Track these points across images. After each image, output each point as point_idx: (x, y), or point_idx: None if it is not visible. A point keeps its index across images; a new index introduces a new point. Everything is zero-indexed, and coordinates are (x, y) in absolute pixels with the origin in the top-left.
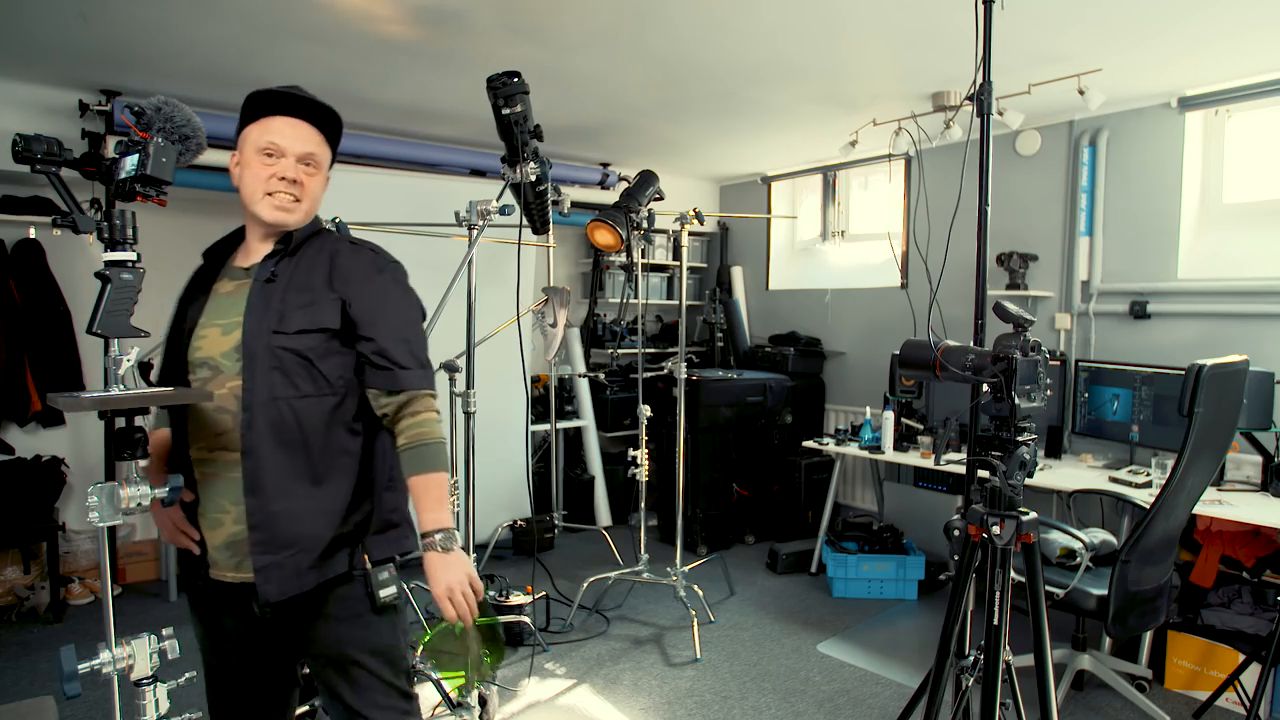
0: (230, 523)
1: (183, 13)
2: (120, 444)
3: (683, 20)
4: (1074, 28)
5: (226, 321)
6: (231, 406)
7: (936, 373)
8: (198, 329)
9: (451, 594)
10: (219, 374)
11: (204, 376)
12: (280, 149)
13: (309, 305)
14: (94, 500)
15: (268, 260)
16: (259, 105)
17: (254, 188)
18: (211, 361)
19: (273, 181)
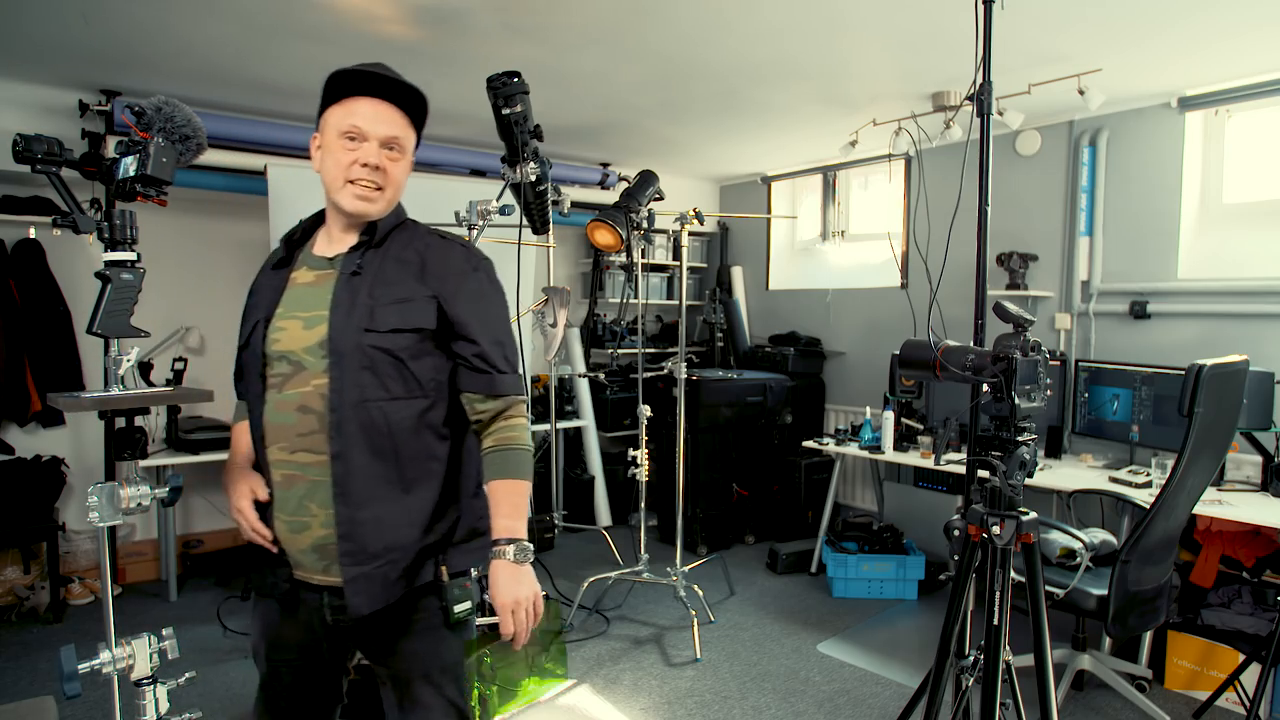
0: (318, 526)
1: (182, 13)
2: (120, 444)
3: (683, 20)
4: (1074, 28)
5: (309, 315)
6: (317, 406)
7: (936, 373)
8: (275, 320)
9: (516, 609)
10: (301, 370)
11: (283, 371)
12: (363, 133)
13: (402, 302)
14: (94, 500)
15: (353, 252)
16: (341, 85)
17: (335, 174)
18: (292, 356)
19: (354, 168)
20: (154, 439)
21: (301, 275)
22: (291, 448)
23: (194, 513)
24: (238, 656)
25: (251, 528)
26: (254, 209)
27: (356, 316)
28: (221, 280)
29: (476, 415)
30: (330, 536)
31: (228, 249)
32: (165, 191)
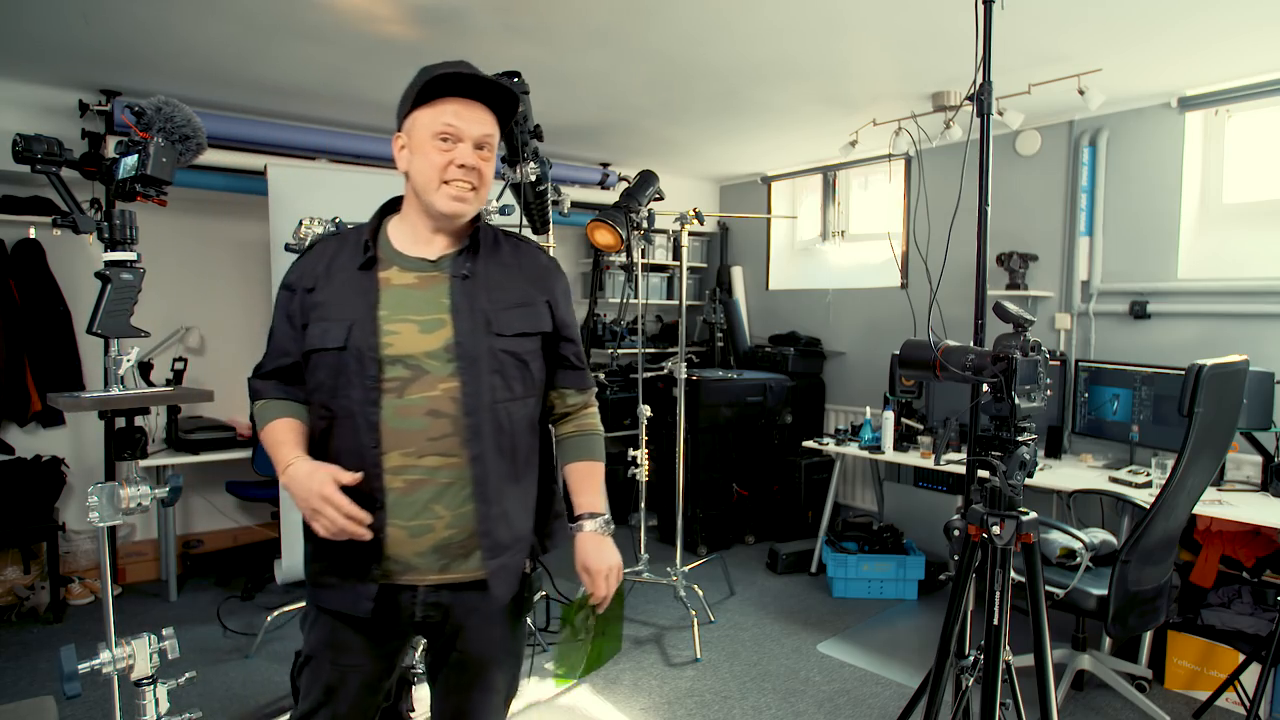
0: (442, 528)
1: (183, 13)
2: (120, 444)
3: (683, 20)
4: (1074, 28)
5: (425, 318)
6: (449, 410)
7: (936, 373)
8: (383, 323)
9: (609, 574)
10: (424, 374)
11: (401, 376)
12: (458, 133)
13: (522, 306)
14: (94, 500)
15: (460, 255)
16: (432, 87)
17: (430, 176)
18: (411, 360)
19: (450, 169)
20: (154, 439)
21: (396, 276)
22: (420, 452)
23: (194, 513)
24: (238, 656)
25: (347, 515)
26: (254, 209)
27: (479, 321)
28: (221, 280)
29: (568, 408)
30: (455, 536)
31: (228, 249)
32: (165, 191)
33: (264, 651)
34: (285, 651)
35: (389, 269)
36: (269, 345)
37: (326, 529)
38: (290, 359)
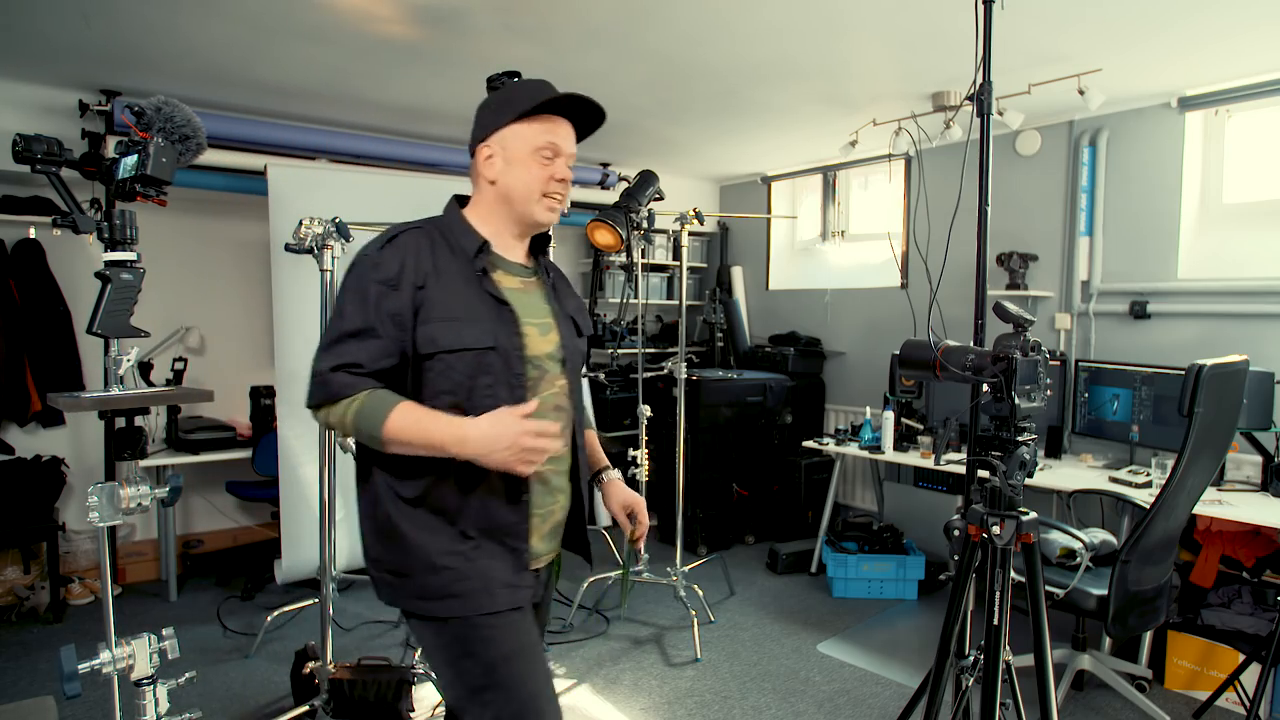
0: (559, 511)
1: (184, 13)
2: (120, 444)
3: (682, 20)
4: (1074, 28)
5: (539, 321)
6: (565, 405)
7: (936, 373)
8: (521, 325)
9: (643, 507)
10: (546, 374)
11: (533, 375)
12: (557, 150)
13: (581, 311)
14: (94, 500)
15: (539, 261)
16: (541, 104)
17: (532, 188)
18: (538, 360)
19: (551, 183)
20: (154, 439)
21: (506, 280)
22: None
23: (194, 513)
24: (238, 656)
25: (539, 431)
26: (254, 209)
27: (570, 324)
28: (221, 280)
29: None
30: (562, 519)
31: (228, 249)
32: (165, 191)
33: (264, 651)
34: (285, 651)
35: (495, 271)
36: (364, 343)
37: (535, 459)
38: (393, 360)
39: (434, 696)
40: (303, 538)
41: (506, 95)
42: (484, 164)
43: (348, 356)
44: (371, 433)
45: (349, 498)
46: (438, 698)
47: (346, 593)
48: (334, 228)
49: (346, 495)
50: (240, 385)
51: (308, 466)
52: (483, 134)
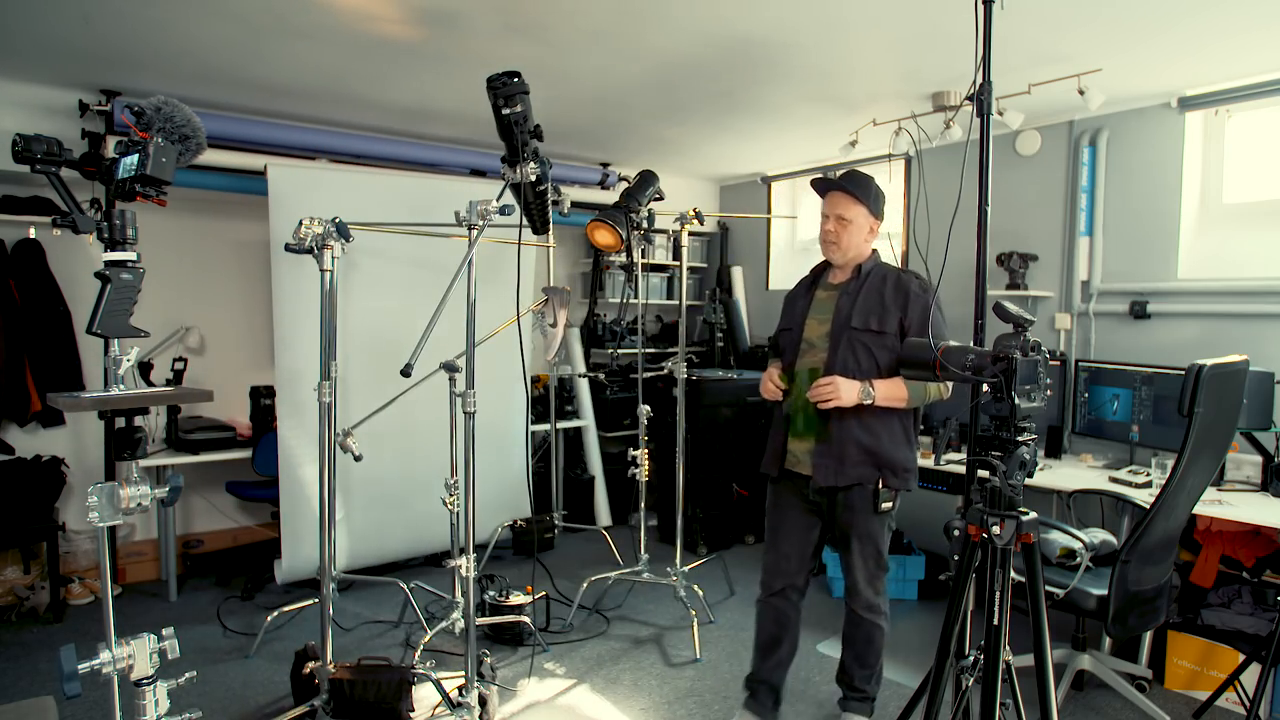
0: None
1: (183, 13)
2: (120, 444)
3: (683, 20)
4: (1074, 28)
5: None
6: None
7: (936, 373)
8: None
9: (826, 385)
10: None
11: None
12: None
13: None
14: (94, 500)
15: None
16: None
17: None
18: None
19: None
20: (154, 439)
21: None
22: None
23: (194, 513)
24: (238, 656)
25: (771, 379)
26: (254, 209)
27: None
28: (222, 280)
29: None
30: (814, 445)
31: (228, 249)
32: (165, 191)
33: (264, 651)
34: (285, 651)
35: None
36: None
37: (765, 392)
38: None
39: (434, 696)
40: (303, 538)
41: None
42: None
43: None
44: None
45: (349, 498)
46: (437, 698)
47: (346, 593)
48: (334, 228)
49: (346, 495)
50: (240, 385)
51: (308, 466)
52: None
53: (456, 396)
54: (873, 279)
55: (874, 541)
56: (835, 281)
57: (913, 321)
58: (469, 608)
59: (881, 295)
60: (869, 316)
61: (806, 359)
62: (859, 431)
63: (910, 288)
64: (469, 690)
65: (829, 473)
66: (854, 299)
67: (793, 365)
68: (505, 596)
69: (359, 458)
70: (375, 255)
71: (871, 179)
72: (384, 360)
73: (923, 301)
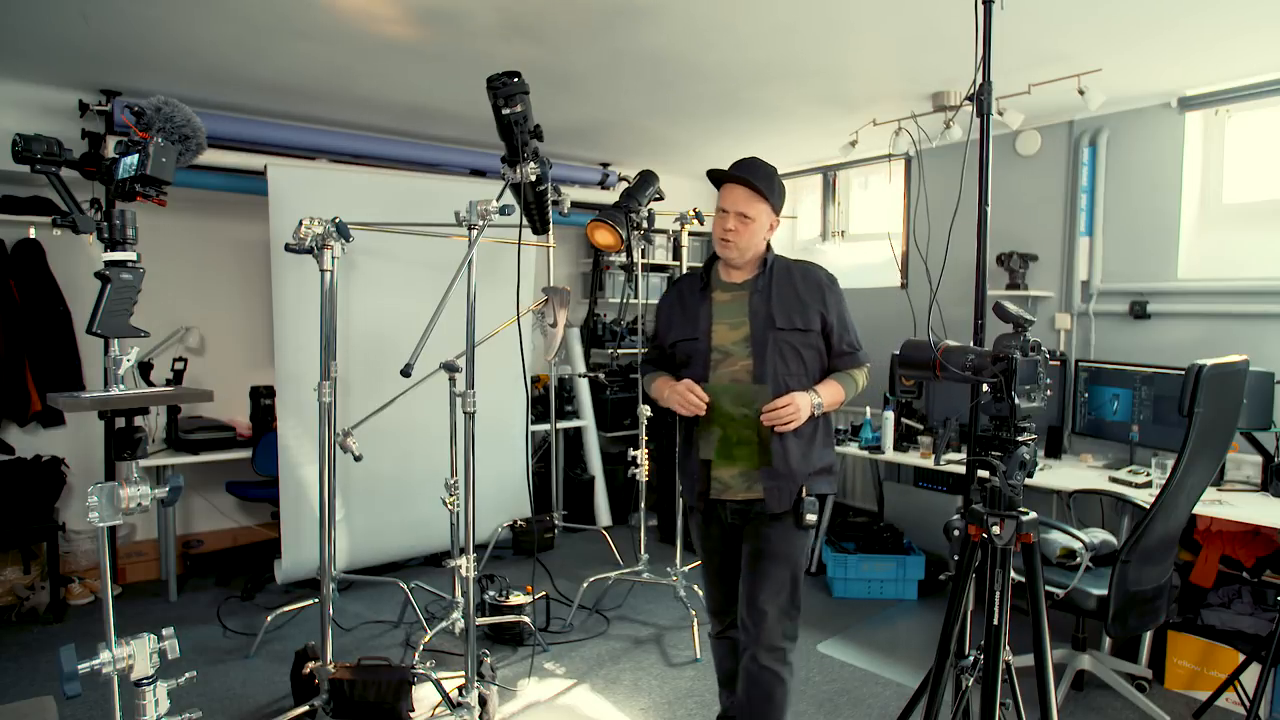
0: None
1: (183, 13)
2: (120, 444)
3: (683, 20)
4: (1074, 28)
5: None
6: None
7: (936, 373)
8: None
9: (784, 403)
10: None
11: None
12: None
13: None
14: (94, 500)
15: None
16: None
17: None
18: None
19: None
20: (154, 439)
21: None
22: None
23: (194, 513)
24: (238, 656)
25: (691, 392)
26: (254, 209)
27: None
28: (222, 280)
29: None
30: (752, 468)
31: (228, 249)
32: (165, 191)
33: (264, 651)
34: (285, 651)
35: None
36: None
37: (685, 408)
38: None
39: (434, 696)
40: (303, 538)
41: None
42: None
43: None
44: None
45: (349, 498)
46: (437, 698)
47: (346, 593)
48: (334, 228)
49: (346, 495)
50: (240, 385)
51: (308, 466)
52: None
53: (456, 396)
54: (778, 273)
55: (791, 565)
56: (736, 280)
57: (833, 316)
58: (469, 608)
59: (795, 290)
60: (791, 314)
61: (724, 369)
62: (795, 443)
63: (822, 280)
64: (469, 690)
65: (782, 497)
66: (768, 297)
67: (704, 378)
68: (505, 596)
69: (359, 458)
70: (375, 255)
71: (775, 171)
72: (384, 360)
73: (837, 293)
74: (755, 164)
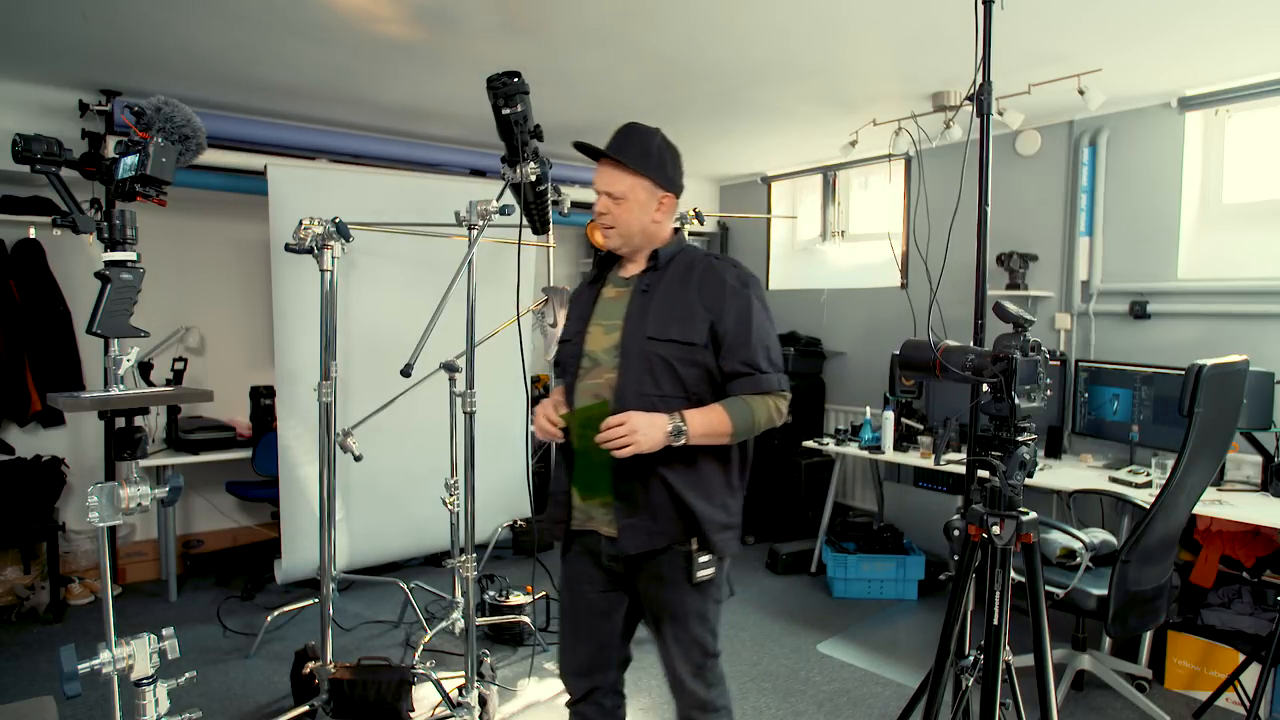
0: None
1: (183, 12)
2: (120, 444)
3: (682, 20)
4: (1074, 28)
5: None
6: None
7: (936, 373)
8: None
9: (621, 425)
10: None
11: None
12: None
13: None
14: (94, 500)
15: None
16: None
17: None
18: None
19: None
20: (154, 439)
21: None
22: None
23: (194, 513)
24: (238, 656)
25: (546, 416)
26: (254, 209)
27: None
28: (222, 280)
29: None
30: (610, 500)
31: (228, 249)
32: (165, 191)
33: (264, 651)
34: (285, 651)
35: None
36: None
37: (539, 432)
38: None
39: (434, 696)
40: (303, 538)
41: (677, 153)
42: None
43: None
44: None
45: (349, 498)
46: (437, 698)
47: (346, 593)
48: (334, 228)
49: (346, 495)
50: (240, 385)
51: (308, 466)
52: (674, 190)
53: (456, 396)
54: (675, 270)
55: (689, 624)
56: (628, 275)
57: (728, 327)
58: (469, 608)
59: (687, 292)
60: (669, 322)
61: (590, 381)
62: (671, 478)
63: (726, 280)
64: (469, 690)
65: (639, 536)
66: (650, 298)
67: (573, 388)
68: (505, 596)
69: (359, 458)
70: (375, 255)
71: (652, 136)
72: (384, 360)
73: (742, 299)
74: (625, 132)
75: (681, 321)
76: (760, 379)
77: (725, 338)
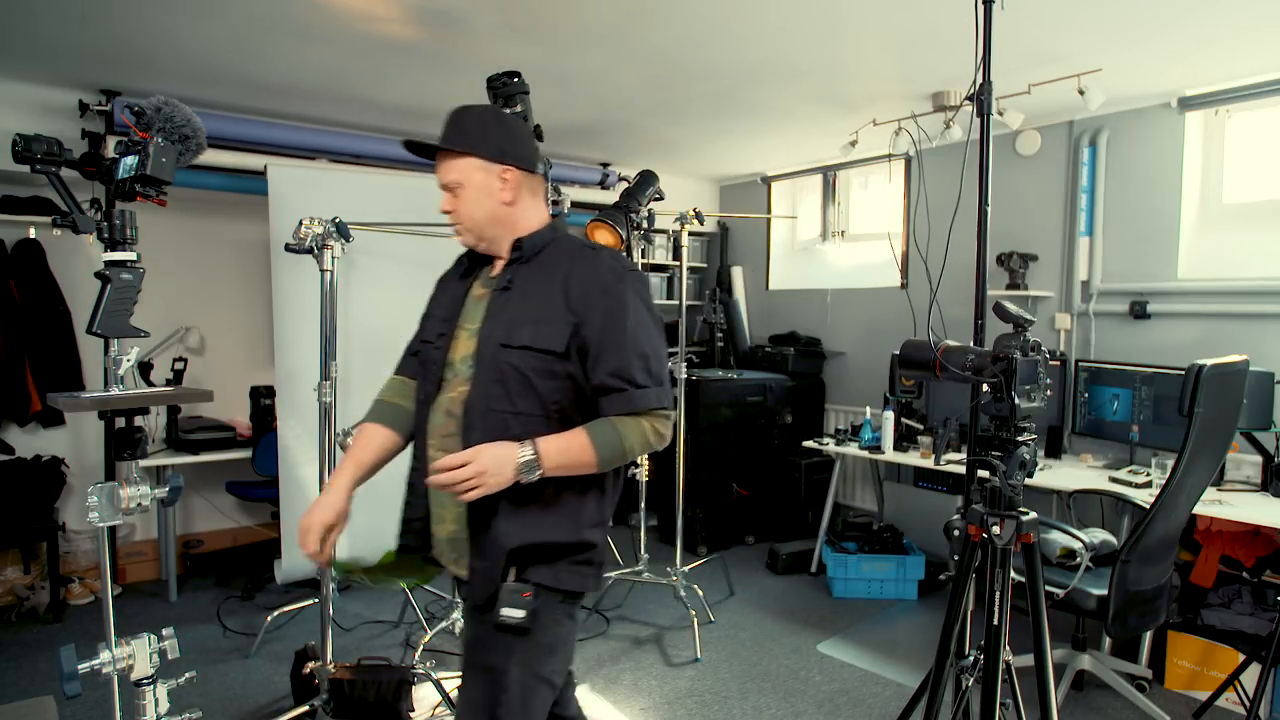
0: (449, 521)
1: (182, 13)
2: (120, 444)
3: (682, 20)
4: (1074, 28)
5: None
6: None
7: (936, 373)
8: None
9: (459, 463)
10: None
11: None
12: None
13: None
14: (94, 500)
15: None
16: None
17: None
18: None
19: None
20: (154, 439)
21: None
22: (439, 446)
23: (194, 513)
24: (238, 656)
25: (304, 543)
26: (254, 209)
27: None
28: (222, 280)
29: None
30: (460, 533)
31: (228, 249)
32: (165, 191)
33: (264, 651)
34: (285, 651)
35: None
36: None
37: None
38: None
39: (434, 696)
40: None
41: (528, 134)
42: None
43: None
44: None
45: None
46: (437, 698)
47: (346, 593)
48: (334, 228)
49: None
50: (240, 385)
51: (308, 466)
52: (528, 164)
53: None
54: (541, 264)
55: (480, 683)
56: (494, 272)
57: (594, 330)
58: None
59: (551, 289)
60: (523, 326)
61: (446, 395)
62: (519, 506)
63: (602, 278)
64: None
65: (487, 579)
66: (509, 297)
67: (430, 399)
68: None
69: None
70: (375, 255)
71: (473, 111)
72: (384, 360)
73: (614, 297)
74: (449, 119)
75: (537, 324)
76: (634, 395)
77: (591, 344)
